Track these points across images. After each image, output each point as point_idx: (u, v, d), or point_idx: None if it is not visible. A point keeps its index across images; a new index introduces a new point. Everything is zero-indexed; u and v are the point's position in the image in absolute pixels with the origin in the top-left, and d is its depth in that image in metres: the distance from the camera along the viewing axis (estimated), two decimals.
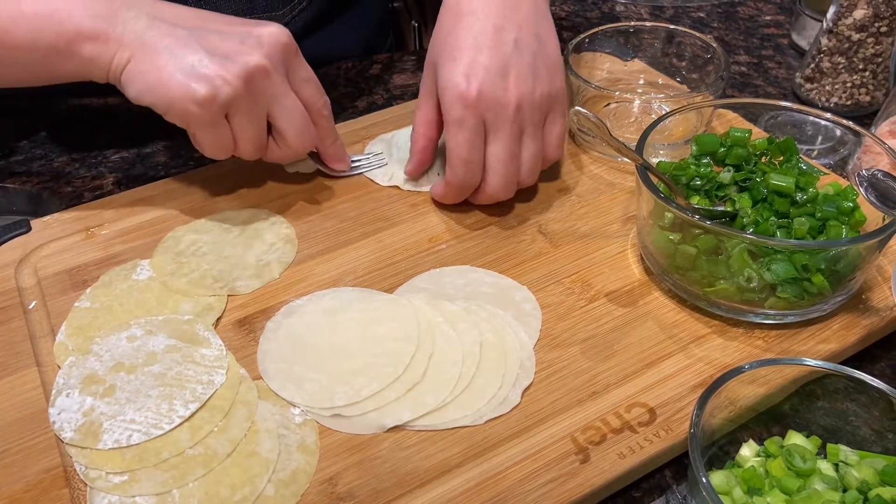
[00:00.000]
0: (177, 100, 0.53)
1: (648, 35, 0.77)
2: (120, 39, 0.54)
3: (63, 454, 0.46)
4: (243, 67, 0.54)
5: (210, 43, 0.55)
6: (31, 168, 0.72)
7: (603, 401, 0.48)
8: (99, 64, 0.55)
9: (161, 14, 0.56)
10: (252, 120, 0.56)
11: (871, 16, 0.72)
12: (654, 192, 0.51)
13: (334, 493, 0.44)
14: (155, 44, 0.54)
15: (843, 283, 0.50)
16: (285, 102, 0.57)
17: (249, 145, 0.58)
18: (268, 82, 0.56)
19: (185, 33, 0.55)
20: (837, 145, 0.72)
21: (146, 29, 0.54)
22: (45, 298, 0.56)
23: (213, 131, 0.56)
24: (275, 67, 0.56)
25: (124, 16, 0.55)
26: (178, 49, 0.54)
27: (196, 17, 0.57)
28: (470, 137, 0.57)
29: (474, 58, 0.56)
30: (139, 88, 0.54)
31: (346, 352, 0.51)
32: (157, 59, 0.54)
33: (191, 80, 0.53)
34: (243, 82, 0.54)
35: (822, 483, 0.41)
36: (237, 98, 0.54)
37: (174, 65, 0.53)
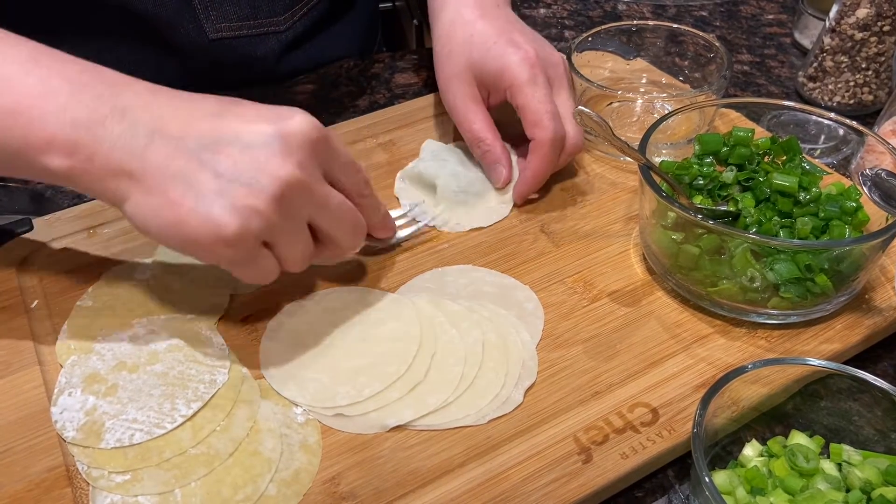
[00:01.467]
0: (202, 242, 0.44)
1: (651, 34, 0.77)
2: (108, 160, 0.43)
3: (65, 453, 0.46)
4: (274, 188, 0.44)
5: (229, 159, 0.44)
6: None
7: (606, 401, 0.48)
8: (78, 182, 0.44)
9: (163, 122, 0.44)
10: (295, 240, 0.47)
11: (873, 15, 0.71)
12: (656, 191, 0.51)
13: (336, 492, 0.44)
14: (161, 170, 0.43)
15: (847, 283, 0.50)
16: (329, 206, 0.48)
17: (297, 262, 0.48)
18: (305, 194, 0.46)
19: (196, 148, 0.44)
20: (840, 145, 0.72)
21: (145, 150, 0.43)
22: (47, 297, 0.56)
23: (252, 265, 0.46)
24: (311, 174, 0.46)
25: (114, 129, 0.43)
26: (191, 175, 0.43)
27: (206, 114, 0.45)
28: (546, 91, 0.61)
29: (511, 36, 0.62)
30: (153, 228, 0.44)
31: (348, 351, 0.51)
32: (168, 190, 0.43)
33: (215, 217, 0.43)
34: (276, 206, 0.44)
35: (825, 483, 0.41)
36: (272, 225, 0.44)
37: (191, 198, 0.43)
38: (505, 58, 0.61)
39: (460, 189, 0.63)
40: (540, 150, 0.60)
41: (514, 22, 0.65)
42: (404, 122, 0.73)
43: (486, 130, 0.63)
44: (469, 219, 0.62)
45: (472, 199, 0.63)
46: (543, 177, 0.62)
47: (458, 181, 0.64)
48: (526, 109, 0.60)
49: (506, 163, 0.63)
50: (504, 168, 0.63)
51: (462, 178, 0.64)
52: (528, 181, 0.62)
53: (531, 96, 0.60)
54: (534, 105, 0.60)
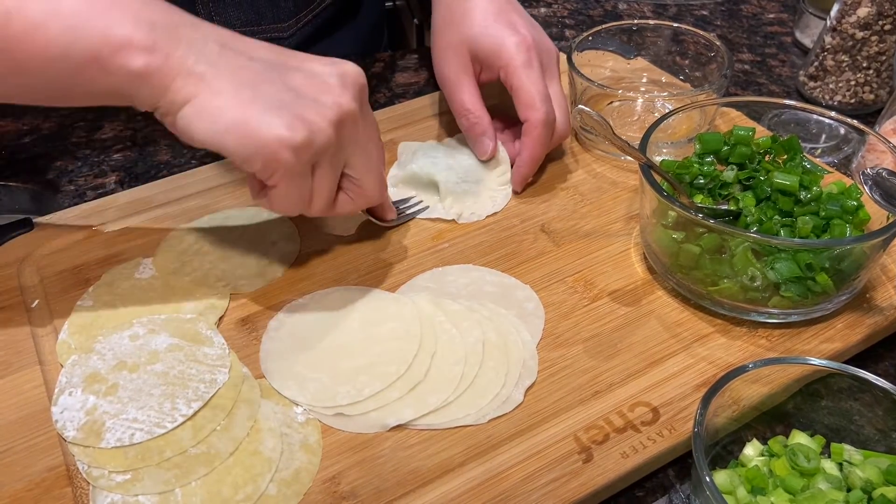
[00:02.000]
0: (268, 144, 0.45)
1: (651, 33, 0.77)
2: (183, 62, 0.44)
3: (65, 453, 0.46)
4: (335, 111, 0.47)
5: (294, 80, 0.47)
6: (34, 166, 0.72)
7: (606, 400, 0.48)
8: (150, 85, 0.44)
9: (230, 41, 0.47)
10: (333, 171, 0.50)
11: (874, 14, 0.71)
12: (657, 190, 0.51)
13: (337, 492, 0.44)
14: (231, 76, 0.45)
15: (847, 282, 0.50)
16: (367, 149, 0.52)
17: (323, 200, 0.51)
18: (354, 128, 0.49)
19: (263, 67, 0.47)
20: (841, 144, 0.71)
21: (218, 57, 0.45)
22: (47, 297, 0.56)
23: (298, 183, 0.48)
24: (361, 111, 0.50)
25: (189, 35, 0.45)
26: (260, 85, 0.46)
27: (268, 48, 0.49)
28: (540, 75, 0.62)
29: (510, 17, 0.64)
30: (213, 128, 0.45)
31: (349, 351, 0.51)
32: (238, 95, 0.45)
33: (284, 123, 0.45)
34: (336, 127, 0.47)
35: (825, 482, 0.41)
36: (330, 146, 0.48)
37: (261, 104, 0.45)
38: (502, 38, 0.62)
39: (461, 180, 0.64)
40: (533, 131, 0.61)
41: (513, 2, 0.66)
42: (404, 122, 0.73)
43: (475, 103, 0.64)
44: (480, 207, 0.63)
45: (475, 188, 0.64)
46: (538, 158, 0.63)
47: (456, 173, 0.65)
48: (520, 91, 0.61)
49: (491, 135, 0.64)
50: (490, 140, 0.64)
51: (458, 169, 0.65)
52: (524, 164, 0.63)
53: (526, 78, 0.61)
54: (528, 87, 0.61)
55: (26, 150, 0.75)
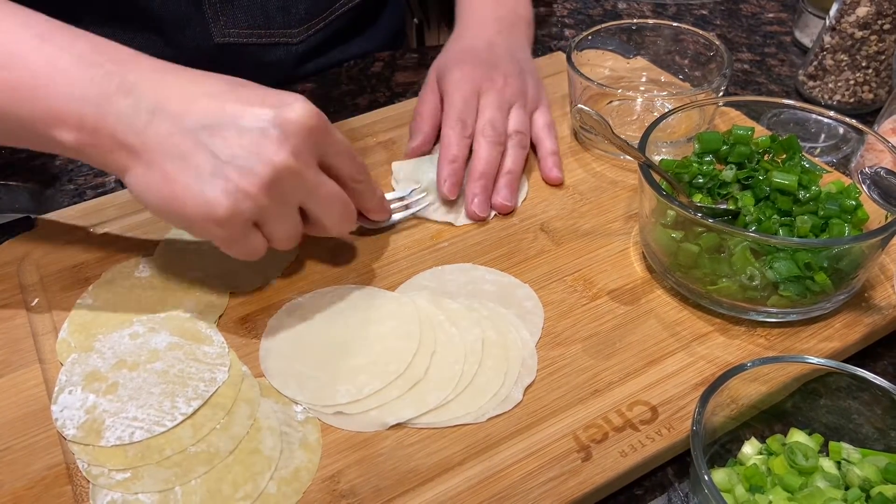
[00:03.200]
0: (195, 220, 0.45)
1: (651, 33, 0.77)
2: (113, 134, 0.45)
3: (65, 451, 0.46)
4: (266, 174, 0.45)
5: (225, 144, 0.45)
6: (34, 165, 0.72)
7: (605, 399, 0.48)
8: (88, 155, 0.46)
9: (165, 99, 0.46)
10: (283, 221, 0.49)
11: (873, 13, 0.71)
12: (656, 190, 0.51)
13: (336, 490, 0.44)
14: (160, 146, 0.45)
15: (846, 281, 0.50)
16: (319, 194, 0.50)
17: (285, 242, 0.50)
18: (297, 181, 0.47)
19: (195, 127, 0.45)
20: (840, 143, 0.72)
21: (146, 127, 0.45)
22: (47, 296, 0.56)
23: (240, 243, 0.48)
24: (304, 162, 0.47)
25: (119, 104, 0.45)
26: (188, 154, 0.45)
27: (207, 93, 0.47)
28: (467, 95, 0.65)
29: (475, 54, 0.68)
30: (150, 202, 0.47)
31: (348, 350, 0.51)
32: (165, 166, 0.45)
33: (207, 198, 0.44)
34: (267, 191, 0.45)
35: (824, 481, 0.41)
36: (262, 209, 0.46)
37: (186, 177, 0.44)
38: (450, 71, 0.67)
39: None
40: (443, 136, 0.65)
41: (494, 42, 0.71)
42: (404, 121, 0.73)
43: (426, 111, 0.68)
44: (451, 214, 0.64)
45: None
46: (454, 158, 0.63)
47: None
48: (441, 144, 0.65)
49: (422, 135, 0.67)
50: (420, 137, 0.67)
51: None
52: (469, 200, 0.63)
53: (444, 136, 0.64)
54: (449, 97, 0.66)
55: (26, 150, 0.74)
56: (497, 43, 0.71)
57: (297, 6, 0.79)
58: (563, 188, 0.65)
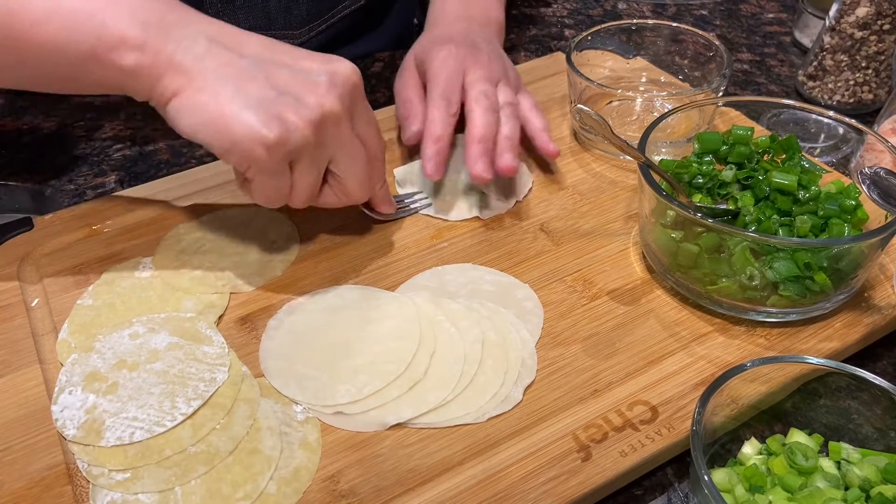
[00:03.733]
0: (242, 140, 0.46)
1: (651, 33, 0.77)
2: (171, 58, 0.47)
3: (65, 451, 0.46)
4: (317, 111, 0.48)
5: (279, 78, 0.48)
6: (34, 166, 0.72)
7: (605, 399, 0.48)
8: (142, 80, 0.48)
9: (221, 37, 0.49)
10: (314, 168, 0.51)
11: (873, 13, 0.71)
12: (656, 190, 0.51)
13: (336, 490, 0.44)
14: (216, 73, 0.47)
15: (846, 281, 0.50)
16: (351, 150, 0.52)
17: (305, 195, 0.52)
18: (337, 129, 0.50)
19: (250, 64, 0.48)
20: (840, 143, 0.72)
21: (205, 53, 0.47)
22: (47, 296, 0.56)
23: (274, 178, 0.49)
24: (346, 112, 0.50)
25: (179, 33, 0.47)
26: (243, 82, 0.47)
27: (260, 44, 0.50)
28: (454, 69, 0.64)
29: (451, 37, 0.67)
30: (194, 122, 0.47)
31: (348, 350, 0.51)
32: (220, 91, 0.46)
33: (260, 121, 0.46)
34: (314, 128, 0.48)
35: (823, 481, 0.41)
36: (306, 145, 0.48)
37: (240, 100, 0.46)
38: (432, 54, 0.66)
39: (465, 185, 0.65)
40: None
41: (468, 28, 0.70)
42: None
43: (414, 96, 0.67)
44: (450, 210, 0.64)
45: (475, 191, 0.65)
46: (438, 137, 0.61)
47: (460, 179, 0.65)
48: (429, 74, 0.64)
49: (419, 121, 0.64)
50: (414, 125, 0.64)
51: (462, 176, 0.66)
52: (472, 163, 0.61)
53: (437, 68, 0.64)
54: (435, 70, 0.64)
55: (26, 150, 0.75)
56: (473, 32, 0.70)
57: (298, 7, 0.79)
58: (562, 188, 0.65)
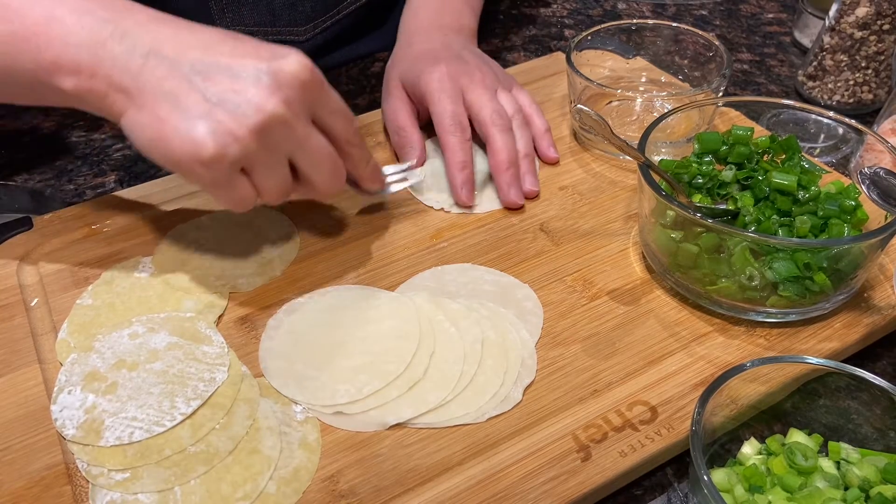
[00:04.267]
0: (181, 159, 0.46)
1: (650, 33, 0.77)
2: (109, 78, 0.46)
3: (65, 451, 0.46)
4: (256, 119, 0.46)
5: (216, 87, 0.46)
6: (34, 165, 0.72)
7: (604, 399, 0.48)
8: (88, 101, 0.48)
9: (159, 47, 0.47)
10: (272, 172, 0.49)
11: (873, 13, 0.71)
12: (656, 190, 0.51)
13: (336, 490, 0.44)
14: (153, 88, 0.46)
15: (845, 281, 0.50)
16: (308, 148, 0.50)
17: (273, 194, 0.51)
18: (286, 131, 0.48)
19: (189, 72, 0.46)
20: (840, 143, 0.72)
21: (141, 70, 0.46)
22: (47, 296, 0.56)
23: (227, 190, 0.48)
24: (294, 113, 0.48)
25: (113, 50, 0.46)
26: (180, 96, 0.46)
27: (202, 44, 0.48)
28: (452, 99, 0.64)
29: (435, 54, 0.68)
30: (141, 142, 0.47)
31: (348, 349, 0.51)
32: (157, 108, 0.46)
33: (195, 137, 0.45)
34: (256, 136, 0.46)
35: (823, 481, 0.41)
36: (249, 154, 0.47)
37: (176, 117, 0.45)
38: (421, 72, 0.66)
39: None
40: (447, 152, 0.63)
41: (448, 35, 0.72)
42: None
43: (407, 122, 0.67)
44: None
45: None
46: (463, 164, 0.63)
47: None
48: (434, 117, 0.65)
49: (416, 148, 0.66)
50: (414, 152, 0.66)
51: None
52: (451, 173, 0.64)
53: (438, 106, 0.64)
54: (440, 113, 0.64)
55: (26, 150, 0.75)
56: (450, 42, 0.71)
57: (303, 4, 0.79)
58: (562, 188, 0.65)
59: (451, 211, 0.63)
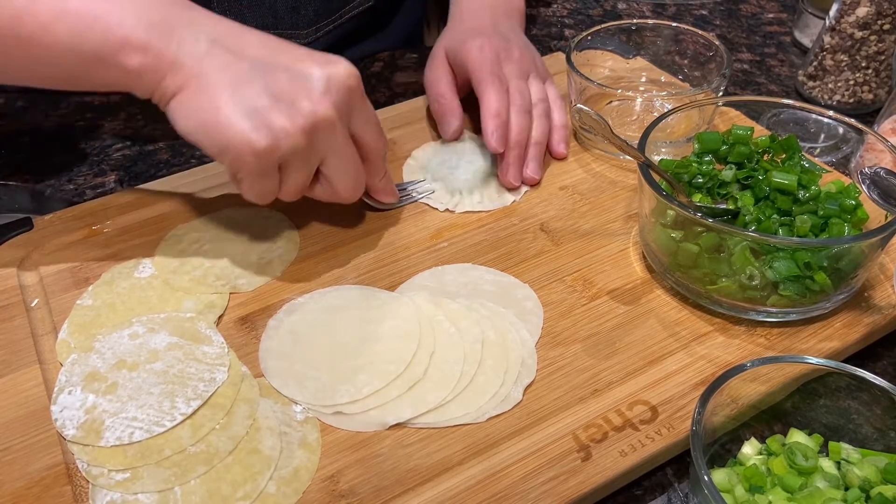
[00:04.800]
0: (233, 146, 0.48)
1: (651, 33, 0.77)
2: (174, 60, 0.48)
3: (65, 451, 0.46)
4: (310, 119, 0.49)
5: (275, 83, 0.49)
6: (34, 166, 0.72)
7: (604, 398, 0.48)
8: (145, 80, 0.49)
9: (223, 39, 0.50)
10: (304, 170, 0.52)
11: (873, 13, 0.71)
12: (656, 189, 0.51)
13: (336, 490, 0.44)
14: (215, 76, 0.48)
15: (846, 281, 0.50)
16: (343, 154, 0.52)
17: (294, 191, 0.53)
18: (330, 134, 0.50)
19: (249, 67, 0.49)
20: (840, 143, 0.72)
21: (205, 55, 0.48)
22: (47, 296, 0.56)
23: (263, 180, 0.51)
24: (340, 117, 0.50)
25: (182, 34, 0.49)
26: (240, 86, 0.48)
27: (261, 44, 0.51)
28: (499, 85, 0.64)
29: (482, 29, 0.68)
30: (191, 124, 0.49)
31: (348, 350, 0.51)
32: (216, 94, 0.48)
33: (252, 128, 0.47)
34: (306, 134, 0.49)
35: (823, 481, 0.41)
36: (296, 151, 0.49)
37: (234, 106, 0.47)
38: (469, 49, 0.66)
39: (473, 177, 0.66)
40: (490, 137, 0.63)
41: (497, 15, 0.72)
42: (404, 122, 0.73)
43: (447, 90, 0.69)
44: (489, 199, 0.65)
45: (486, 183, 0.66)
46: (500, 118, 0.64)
47: (466, 171, 0.67)
48: (482, 99, 0.64)
49: (457, 115, 0.68)
50: (455, 120, 0.68)
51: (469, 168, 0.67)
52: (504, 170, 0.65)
53: (488, 88, 0.64)
54: (488, 96, 0.64)
55: (26, 150, 0.75)
56: (499, 23, 0.72)
57: (306, 7, 0.79)
58: (562, 188, 0.65)
59: (455, 210, 0.63)
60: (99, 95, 0.80)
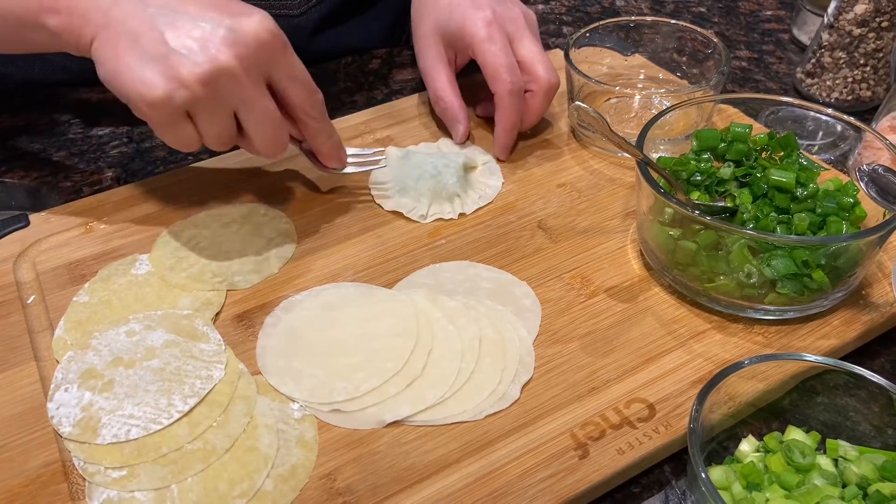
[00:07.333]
0: (130, 96, 0.49)
1: (649, 30, 0.77)
2: (83, 14, 0.50)
3: (61, 449, 0.46)
4: (206, 69, 0.48)
5: (178, 31, 0.49)
6: (30, 162, 0.72)
7: (602, 396, 0.48)
8: (67, 38, 0.51)
9: None
10: (215, 120, 0.51)
11: (871, 11, 0.71)
12: (654, 187, 0.51)
13: (333, 488, 0.44)
14: (118, 26, 0.49)
15: (844, 278, 0.50)
16: (254, 107, 0.51)
17: (215, 142, 0.53)
18: (234, 85, 0.50)
19: (153, 14, 0.49)
20: (838, 141, 0.71)
21: (112, 5, 0.49)
22: (43, 293, 0.56)
23: (170, 130, 0.51)
24: (245, 69, 0.49)
25: None
26: (140, 36, 0.48)
27: None
28: (503, 46, 0.63)
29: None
30: (103, 74, 0.50)
31: (345, 347, 0.51)
32: (118, 45, 0.49)
33: (145, 79, 0.48)
34: (203, 85, 0.48)
35: (821, 478, 0.41)
36: (195, 101, 0.49)
37: (133, 55, 0.48)
38: (464, 18, 0.64)
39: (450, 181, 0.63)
40: (501, 102, 0.64)
41: None
42: (402, 119, 0.73)
43: (447, 89, 0.67)
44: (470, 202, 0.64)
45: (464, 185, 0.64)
46: (514, 125, 0.65)
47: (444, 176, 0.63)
48: (485, 65, 0.64)
49: (463, 119, 0.67)
50: (462, 124, 0.67)
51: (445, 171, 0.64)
52: (502, 134, 0.65)
53: (489, 52, 0.63)
54: (492, 60, 0.63)
55: (22, 146, 0.74)
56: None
57: None
58: (560, 185, 0.65)
59: (428, 221, 0.62)
60: (95, 92, 0.80)
